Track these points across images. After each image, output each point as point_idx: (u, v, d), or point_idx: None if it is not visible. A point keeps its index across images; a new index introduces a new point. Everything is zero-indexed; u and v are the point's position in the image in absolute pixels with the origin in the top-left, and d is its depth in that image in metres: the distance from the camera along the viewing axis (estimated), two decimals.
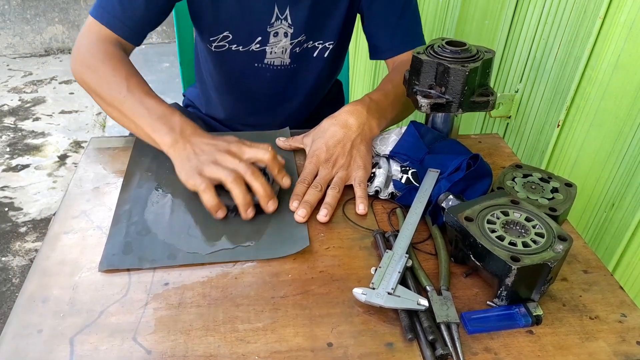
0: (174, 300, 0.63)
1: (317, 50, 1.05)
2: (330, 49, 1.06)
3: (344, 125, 0.85)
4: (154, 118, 0.79)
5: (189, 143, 0.76)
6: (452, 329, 0.60)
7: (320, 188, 0.79)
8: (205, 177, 0.73)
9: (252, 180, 0.73)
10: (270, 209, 0.74)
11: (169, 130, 0.77)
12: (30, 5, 3.25)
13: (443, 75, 0.79)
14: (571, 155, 1.20)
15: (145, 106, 0.80)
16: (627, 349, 0.60)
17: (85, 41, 0.89)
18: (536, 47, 1.30)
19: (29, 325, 0.60)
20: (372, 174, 0.83)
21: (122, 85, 0.82)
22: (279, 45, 1.01)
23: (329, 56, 1.07)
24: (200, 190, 0.72)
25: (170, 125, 0.78)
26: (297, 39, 1.01)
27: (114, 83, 0.82)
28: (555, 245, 0.62)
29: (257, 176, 0.73)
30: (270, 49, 1.01)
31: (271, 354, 0.57)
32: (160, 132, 0.78)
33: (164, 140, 0.77)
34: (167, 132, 0.77)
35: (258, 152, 0.76)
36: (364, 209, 0.78)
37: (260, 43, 1.00)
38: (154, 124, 0.78)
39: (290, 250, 0.70)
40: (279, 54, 1.02)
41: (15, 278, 1.83)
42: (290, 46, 1.02)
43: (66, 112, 2.78)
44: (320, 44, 1.04)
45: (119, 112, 0.83)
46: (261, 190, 0.73)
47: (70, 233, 0.72)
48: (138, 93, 0.81)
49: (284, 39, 1.00)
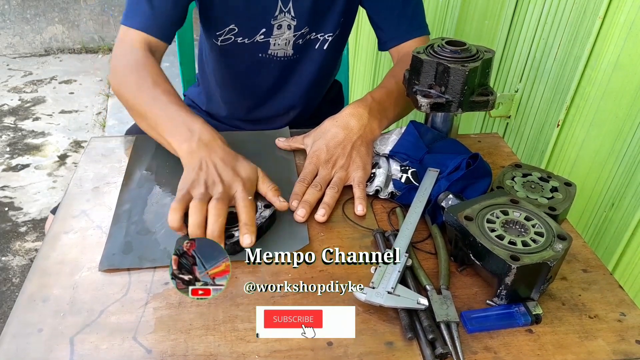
0: (174, 300, 0.63)
1: (319, 42, 1.07)
2: (330, 41, 1.07)
3: (345, 127, 0.85)
4: (174, 125, 0.79)
5: (202, 154, 0.75)
6: (451, 328, 0.60)
7: (319, 188, 0.79)
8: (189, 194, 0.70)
9: (210, 210, 0.68)
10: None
11: (186, 138, 0.77)
12: (30, 5, 3.25)
13: (443, 74, 0.80)
14: (571, 155, 1.20)
15: (168, 114, 0.80)
16: (626, 347, 0.60)
17: (118, 52, 0.91)
18: (536, 47, 1.30)
19: (30, 324, 0.60)
20: (372, 174, 0.84)
21: (148, 95, 0.83)
22: (283, 37, 1.02)
23: (329, 48, 1.08)
24: (173, 206, 0.69)
25: (189, 133, 0.77)
26: (300, 31, 1.02)
27: (140, 93, 0.84)
28: (555, 245, 0.63)
29: (217, 212, 0.68)
30: (274, 41, 1.03)
31: (271, 353, 0.57)
32: (179, 140, 0.77)
33: (182, 148, 0.77)
34: (185, 141, 0.77)
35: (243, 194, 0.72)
36: (363, 210, 0.78)
37: (264, 34, 1.02)
38: (174, 132, 0.78)
39: (290, 249, 0.70)
40: (282, 45, 1.04)
41: (15, 278, 1.83)
42: (294, 38, 1.03)
43: (66, 112, 2.78)
44: (321, 35, 1.06)
45: (146, 121, 0.83)
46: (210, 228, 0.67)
47: (70, 232, 0.73)
48: (162, 102, 0.81)
49: (287, 31, 1.02)
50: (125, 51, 0.90)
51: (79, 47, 3.42)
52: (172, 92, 0.84)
